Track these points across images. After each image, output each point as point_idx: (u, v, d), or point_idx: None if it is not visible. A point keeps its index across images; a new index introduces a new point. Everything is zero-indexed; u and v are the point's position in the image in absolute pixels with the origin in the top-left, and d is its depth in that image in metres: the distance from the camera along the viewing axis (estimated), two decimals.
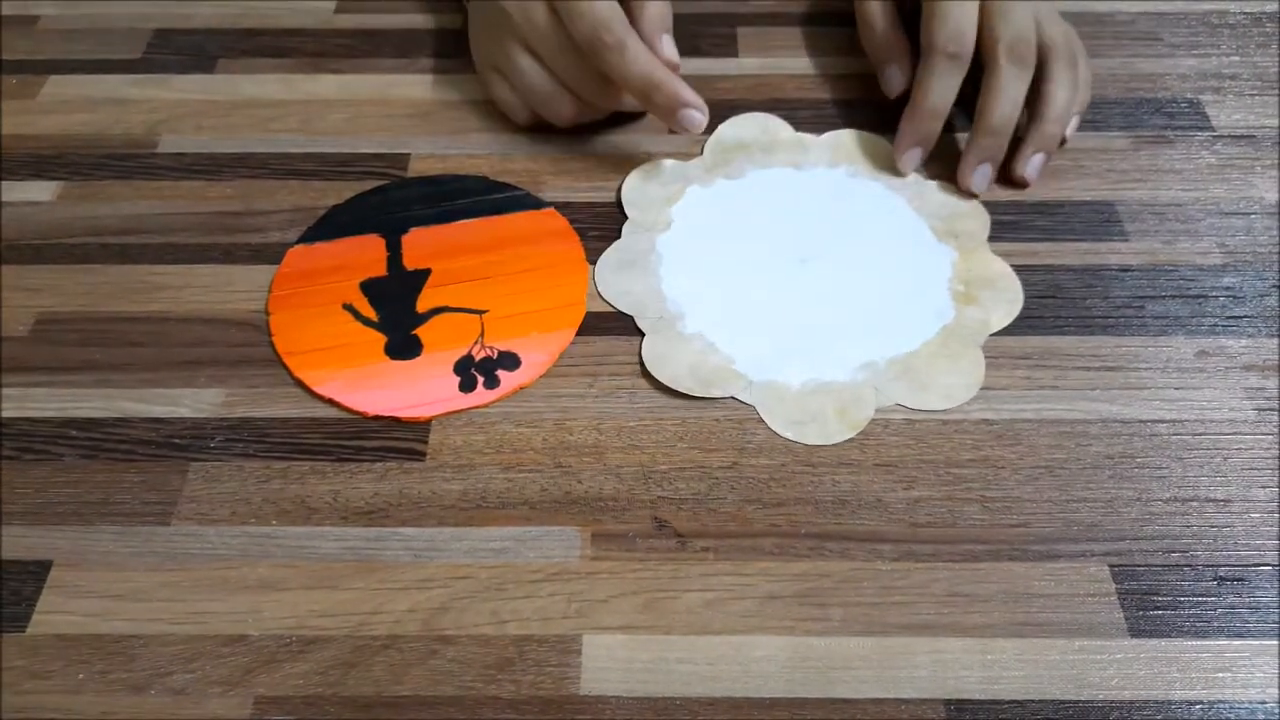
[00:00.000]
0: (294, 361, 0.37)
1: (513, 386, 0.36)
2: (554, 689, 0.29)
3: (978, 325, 0.38)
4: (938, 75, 0.41)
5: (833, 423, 0.35)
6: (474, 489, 0.34)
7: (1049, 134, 0.41)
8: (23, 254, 0.41)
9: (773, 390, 0.36)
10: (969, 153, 0.41)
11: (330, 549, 0.32)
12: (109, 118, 0.46)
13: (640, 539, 0.33)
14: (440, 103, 0.47)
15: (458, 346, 0.37)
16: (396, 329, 0.38)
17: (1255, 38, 0.49)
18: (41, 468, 0.34)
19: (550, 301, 0.39)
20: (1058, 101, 0.41)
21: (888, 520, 0.33)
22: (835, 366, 0.36)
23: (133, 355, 0.37)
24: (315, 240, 0.41)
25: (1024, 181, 0.42)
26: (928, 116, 0.41)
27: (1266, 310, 0.38)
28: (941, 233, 0.41)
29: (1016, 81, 0.40)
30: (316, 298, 0.39)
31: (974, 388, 0.36)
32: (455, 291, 0.39)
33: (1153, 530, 0.32)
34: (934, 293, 0.39)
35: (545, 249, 0.40)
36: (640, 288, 0.39)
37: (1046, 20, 0.42)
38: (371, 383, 0.36)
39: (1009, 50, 0.40)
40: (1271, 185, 0.43)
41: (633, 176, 0.43)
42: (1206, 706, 0.29)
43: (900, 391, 0.36)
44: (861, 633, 0.30)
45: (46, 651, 0.30)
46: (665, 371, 0.36)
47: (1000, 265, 0.39)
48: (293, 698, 0.29)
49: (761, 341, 0.37)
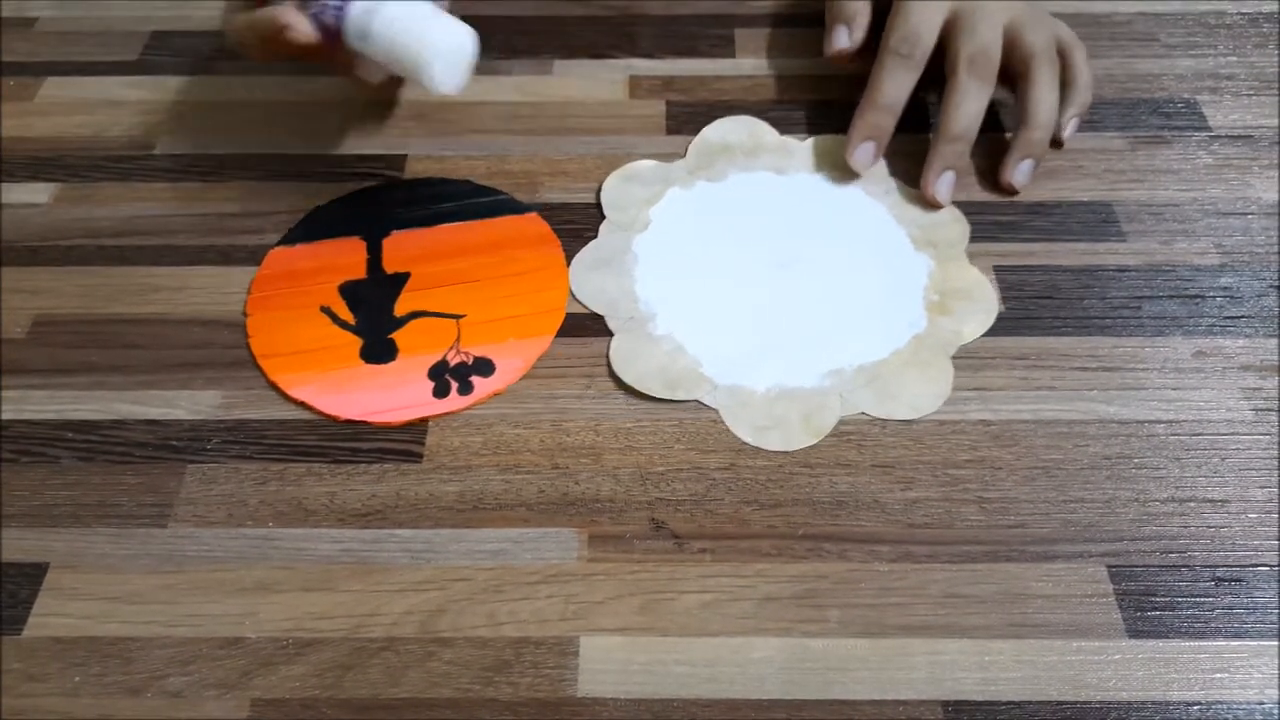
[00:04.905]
0: (269, 364, 0.37)
1: (486, 393, 0.36)
2: (551, 691, 0.29)
3: (950, 335, 0.37)
4: (887, 72, 0.41)
5: (796, 429, 0.35)
6: (471, 491, 0.34)
7: (1034, 140, 0.42)
8: (20, 256, 0.41)
9: (738, 394, 0.36)
10: (930, 161, 0.41)
11: (327, 551, 0.32)
12: (106, 119, 0.46)
13: (638, 540, 0.33)
14: (437, 104, 0.47)
15: (433, 351, 0.37)
16: (373, 333, 0.38)
17: (1252, 38, 0.49)
18: (38, 470, 0.34)
19: (528, 307, 0.38)
20: (1041, 108, 0.41)
21: (885, 521, 0.33)
22: (803, 372, 0.36)
23: (129, 357, 0.37)
24: (297, 241, 0.41)
25: (1012, 188, 0.42)
26: (875, 110, 0.41)
27: (1264, 310, 0.38)
28: (920, 241, 0.41)
29: (975, 93, 0.41)
30: (295, 300, 0.39)
31: (941, 398, 0.36)
32: (434, 296, 0.39)
33: (1150, 531, 0.32)
34: (908, 301, 0.39)
35: (526, 254, 0.40)
36: (614, 287, 0.39)
37: (1030, 26, 0.42)
38: (346, 387, 0.36)
39: (968, 63, 0.41)
40: (1268, 185, 0.43)
41: (613, 177, 0.43)
42: (1204, 707, 0.29)
43: (866, 400, 0.36)
44: (859, 634, 0.30)
45: (43, 654, 0.30)
46: (632, 372, 0.36)
47: (976, 275, 0.39)
48: (289, 700, 0.29)
49: (731, 345, 0.37)
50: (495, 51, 0.49)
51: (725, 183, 0.43)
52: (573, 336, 0.38)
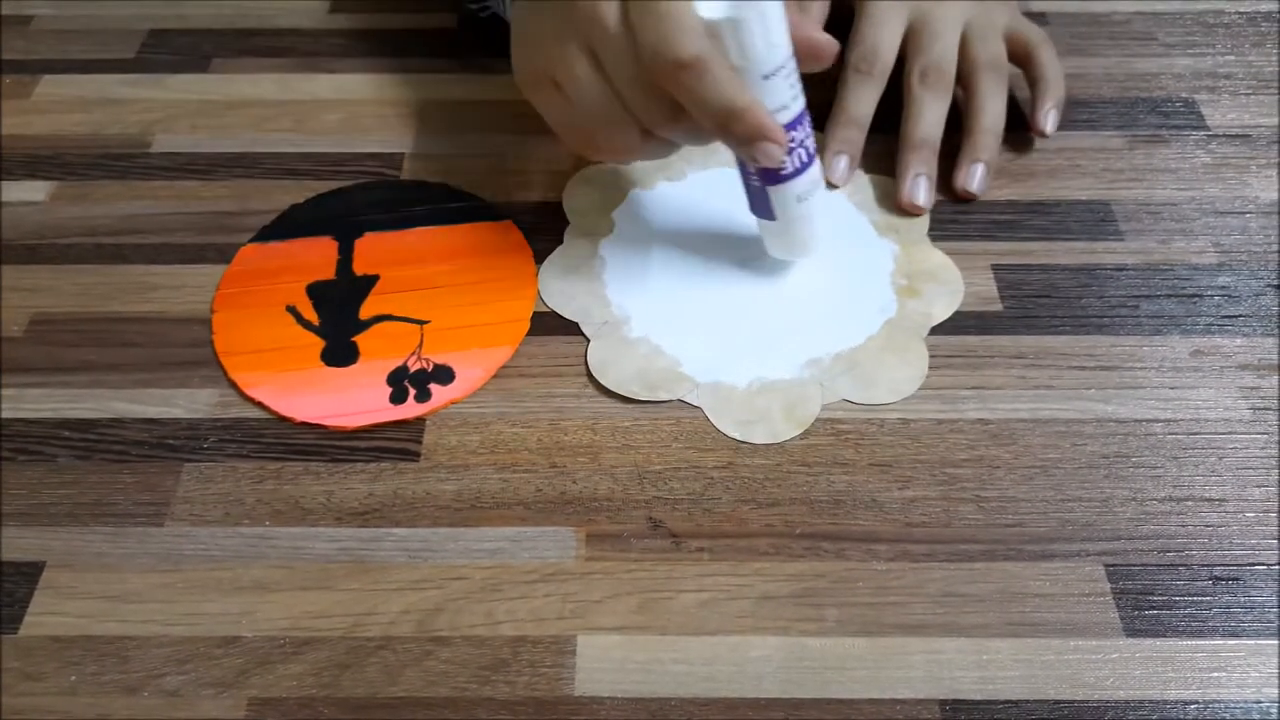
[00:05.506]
0: (230, 362, 0.37)
1: (443, 401, 0.36)
2: (548, 690, 0.29)
3: (920, 318, 0.38)
4: (850, 89, 0.43)
5: (779, 421, 0.35)
6: (468, 489, 0.34)
7: (981, 144, 0.42)
8: (16, 254, 0.41)
9: (719, 391, 0.36)
10: (900, 172, 0.42)
11: (324, 550, 0.32)
12: (104, 118, 0.46)
13: (635, 539, 0.32)
14: (435, 103, 0.47)
15: (394, 356, 0.37)
16: (336, 335, 0.37)
17: (1250, 37, 0.50)
18: (35, 469, 0.34)
19: (494, 316, 0.38)
20: (982, 117, 0.42)
21: (883, 520, 0.33)
22: (781, 365, 0.36)
23: (127, 355, 0.37)
24: (269, 239, 0.41)
25: (966, 194, 0.42)
26: (843, 126, 0.43)
27: (1261, 309, 0.38)
28: (882, 227, 0.41)
29: (930, 104, 0.42)
30: (261, 298, 0.39)
31: (918, 380, 0.36)
32: (400, 300, 0.38)
33: (1148, 530, 0.32)
34: (877, 287, 0.39)
35: (496, 262, 0.40)
36: (584, 293, 0.39)
37: (979, 36, 0.43)
38: (303, 388, 0.36)
39: (920, 76, 0.42)
40: (1266, 185, 0.43)
41: (573, 182, 0.43)
42: (1202, 706, 0.29)
43: (846, 387, 0.36)
44: (857, 633, 0.30)
45: (39, 653, 0.30)
46: (611, 376, 0.36)
47: (941, 257, 0.40)
48: (287, 699, 0.29)
49: (707, 342, 0.37)
50: (495, 51, 0.49)
51: (684, 181, 0.43)
52: (570, 335, 0.38)
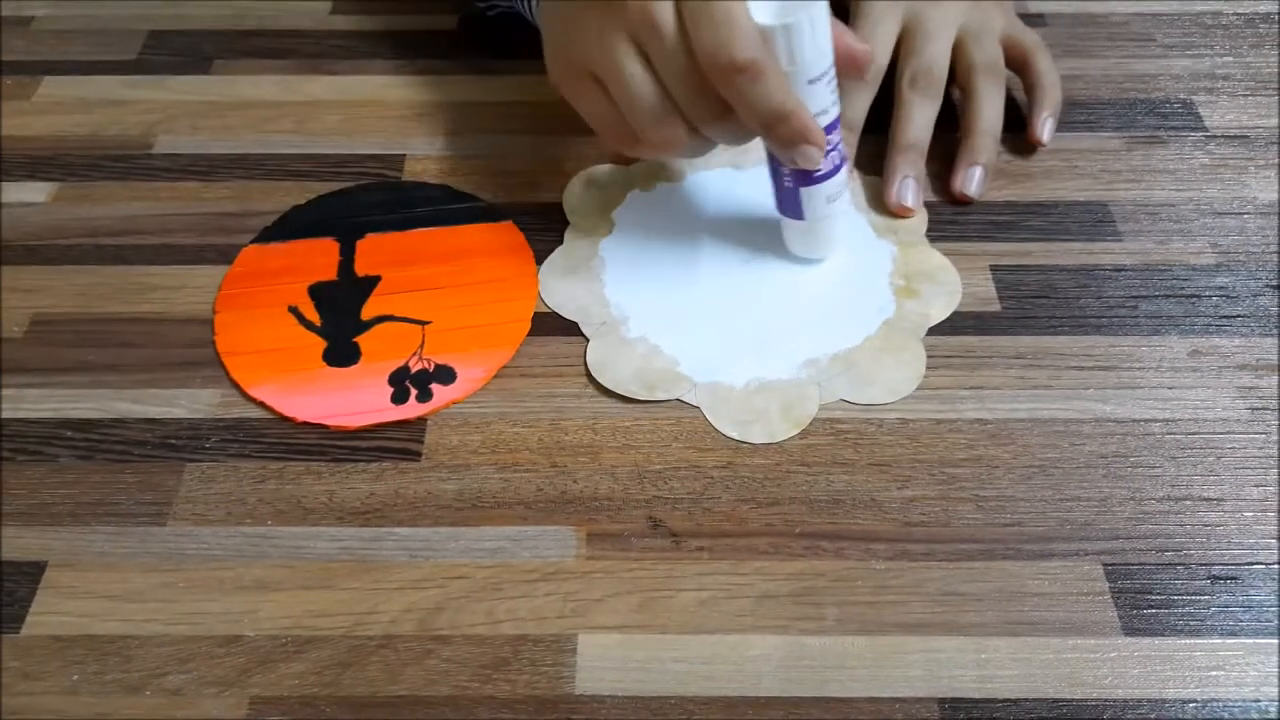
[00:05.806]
0: (232, 362, 0.37)
1: (444, 401, 0.36)
2: (549, 688, 0.29)
3: (918, 319, 0.38)
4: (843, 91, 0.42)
5: (777, 421, 0.35)
6: (469, 489, 0.34)
7: (978, 147, 0.42)
8: (17, 255, 0.41)
9: (717, 391, 0.36)
10: (888, 173, 0.42)
11: (326, 549, 0.32)
12: (104, 119, 0.47)
13: (635, 538, 0.33)
14: (436, 104, 0.47)
15: (396, 357, 0.37)
16: (337, 335, 0.37)
17: (1248, 38, 0.50)
18: (36, 468, 0.34)
19: (495, 317, 0.38)
20: (980, 120, 0.42)
21: (882, 519, 0.33)
22: (779, 365, 0.37)
23: (128, 356, 0.37)
24: (271, 240, 0.41)
25: (964, 197, 0.42)
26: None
27: (1259, 310, 0.38)
28: (881, 228, 0.41)
29: (920, 107, 0.42)
30: (264, 299, 0.39)
31: (916, 381, 0.36)
32: (401, 300, 0.39)
33: (1146, 529, 0.33)
34: (875, 288, 0.39)
35: (497, 263, 0.40)
36: (584, 293, 0.39)
37: (975, 39, 0.43)
38: (305, 388, 0.36)
39: (911, 80, 0.42)
40: (1264, 185, 0.43)
41: (574, 183, 0.43)
42: (1200, 705, 0.29)
43: (843, 387, 0.36)
44: (856, 632, 0.30)
45: (41, 652, 0.30)
46: (610, 376, 0.36)
47: (939, 258, 0.40)
48: (288, 698, 0.29)
49: (705, 343, 0.37)
50: (495, 51, 0.49)
51: (684, 182, 0.43)
52: (571, 336, 0.38)
